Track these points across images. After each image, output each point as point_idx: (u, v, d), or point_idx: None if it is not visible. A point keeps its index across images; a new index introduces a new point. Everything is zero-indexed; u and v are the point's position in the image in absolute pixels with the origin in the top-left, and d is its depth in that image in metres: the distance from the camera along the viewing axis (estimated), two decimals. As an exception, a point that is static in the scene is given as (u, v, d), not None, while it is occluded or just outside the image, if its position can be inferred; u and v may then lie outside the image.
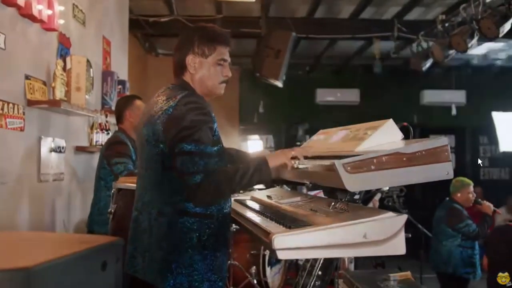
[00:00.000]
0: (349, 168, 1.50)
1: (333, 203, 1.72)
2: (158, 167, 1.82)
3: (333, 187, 1.79)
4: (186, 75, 1.97)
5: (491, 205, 4.64)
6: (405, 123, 1.90)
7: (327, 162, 1.66)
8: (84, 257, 0.96)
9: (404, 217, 1.47)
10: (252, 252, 4.09)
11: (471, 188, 4.73)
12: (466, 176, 5.02)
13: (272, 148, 9.16)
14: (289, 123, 9.12)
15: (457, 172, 9.40)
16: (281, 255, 1.41)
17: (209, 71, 1.97)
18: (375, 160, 1.52)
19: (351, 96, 9.04)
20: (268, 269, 4.15)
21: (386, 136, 1.80)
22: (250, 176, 1.76)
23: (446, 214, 4.67)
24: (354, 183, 1.51)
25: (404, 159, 1.55)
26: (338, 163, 1.50)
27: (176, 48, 2.02)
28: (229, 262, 4.07)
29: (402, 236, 1.47)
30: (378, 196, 5.80)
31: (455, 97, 9.02)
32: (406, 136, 1.89)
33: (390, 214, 1.47)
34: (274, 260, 4.22)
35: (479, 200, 4.74)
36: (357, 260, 4.72)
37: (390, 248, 1.45)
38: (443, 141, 1.58)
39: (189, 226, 1.79)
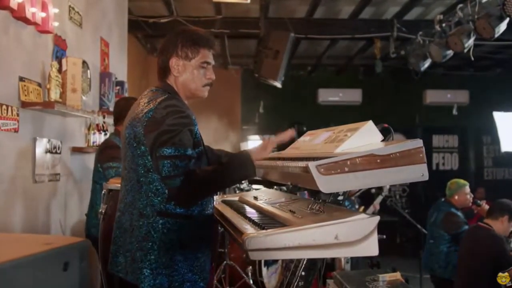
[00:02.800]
0: (322, 170, 1.51)
1: (310, 204, 1.73)
2: (139, 168, 1.85)
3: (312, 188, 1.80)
4: (170, 78, 2.00)
5: None
6: (386, 125, 1.90)
7: (305, 164, 1.68)
8: (44, 257, 0.98)
9: (376, 219, 1.48)
10: (248, 252, 4.10)
11: (468, 189, 4.71)
12: (469, 177, 5.02)
13: (274, 149, 9.15)
14: (291, 123, 9.14)
15: (460, 172, 9.29)
16: (253, 256, 1.43)
17: (192, 74, 1.98)
18: (348, 162, 1.53)
19: (353, 96, 9.04)
20: (264, 269, 4.17)
21: (365, 137, 1.80)
22: (233, 173, 1.78)
23: (443, 220, 4.64)
24: (327, 184, 1.52)
25: (378, 160, 1.55)
26: (311, 164, 1.52)
27: (160, 51, 2.04)
28: (225, 262, 4.11)
29: (374, 238, 1.48)
30: (378, 200, 5.79)
31: (458, 97, 9.00)
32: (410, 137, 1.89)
33: (362, 216, 1.48)
34: (270, 260, 4.24)
35: (478, 201, 4.71)
36: (354, 261, 4.72)
37: (362, 250, 1.46)
38: (418, 142, 1.59)
39: (170, 227, 1.82)
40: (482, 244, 3.77)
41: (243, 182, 4.24)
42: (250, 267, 4.11)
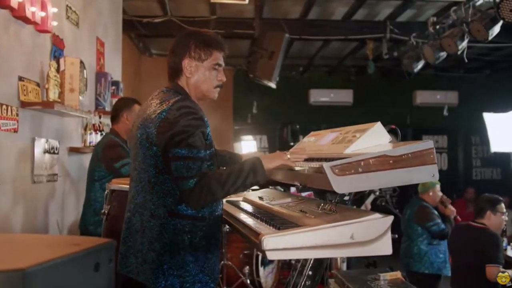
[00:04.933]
0: (337, 170, 1.53)
1: (322, 205, 1.75)
2: (151, 169, 1.85)
3: (323, 189, 1.82)
4: (182, 78, 2.00)
5: (455, 211, 4.73)
6: (393, 126, 1.93)
7: (316, 164, 1.70)
8: (77, 258, 0.98)
9: (390, 219, 1.51)
10: (245, 252, 4.12)
11: (439, 187, 4.79)
12: (458, 176, 5.06)
13: (266, 149, 9.20)
14: (283, 124, 9.18)
15: (450, 172, 9.35)
16: (270, 256, 1.44)
17: (204, 75, 1.99)
18: (362, 163, 1.56)
19: (344, 96, 9.12)
20: (261, 269, 4.18)
21: (374, 138, 1.83)
22: (244, 178, 1.78)
23: (416, 212, 4.71)
24: (342, 185, 1.54)
25: (391, 161, 1.58)
26: (326, 165, 1.54)
27: (171, 52, 2.03)
28: (222, 262, 4.11)
29: (388, 237, 1.51)
30: (370, 199, 5.83)
31: (447, 98, 9.11)
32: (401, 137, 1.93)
33: (377, 215, 1.51)
34: (267, 260, 4.25)
35: (446, 202, 4.80)
36: (350, 260, 4.74)
37: (376, 249, 1.49)
38: (429, 144, 1.62)
39: (181, 228, 1.82)
40: (475, 240, 3.83)
41: None
42: (247, 267, 4.12)
